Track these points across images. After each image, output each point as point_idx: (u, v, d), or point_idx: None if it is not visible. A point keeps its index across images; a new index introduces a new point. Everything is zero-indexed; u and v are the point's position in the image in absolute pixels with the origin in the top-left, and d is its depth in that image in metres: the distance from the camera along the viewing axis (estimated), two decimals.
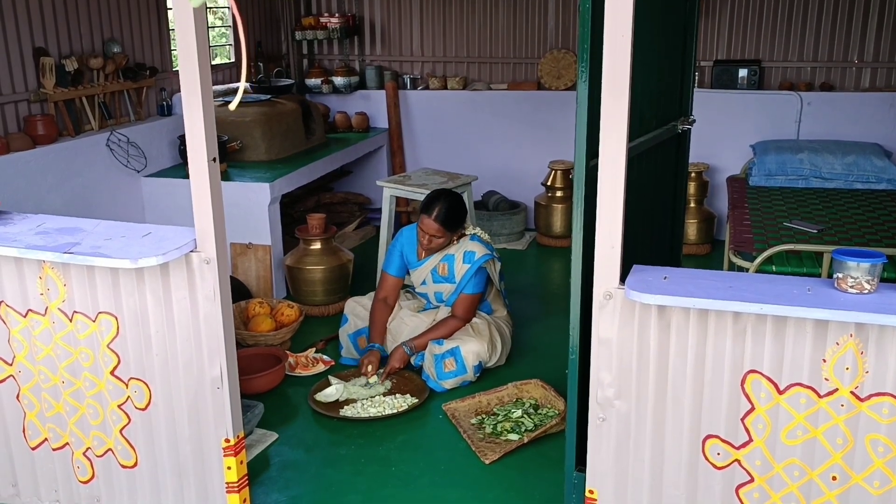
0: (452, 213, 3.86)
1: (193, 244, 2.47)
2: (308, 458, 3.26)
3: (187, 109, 2.35)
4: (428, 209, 3.86)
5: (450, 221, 3.85)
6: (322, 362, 4.05)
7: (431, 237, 3.86)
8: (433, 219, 3.83)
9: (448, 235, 3.88)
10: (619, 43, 2.14)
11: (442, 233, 3.85)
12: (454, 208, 3.87)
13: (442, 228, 3.84)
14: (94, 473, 2.80)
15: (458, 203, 3.91)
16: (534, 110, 6.13)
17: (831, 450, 2.19)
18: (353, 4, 6.50)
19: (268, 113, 5.26)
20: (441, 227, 3.83)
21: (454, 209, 3.87)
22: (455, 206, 3.88)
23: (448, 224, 3.85)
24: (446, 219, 3.84)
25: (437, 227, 3.83)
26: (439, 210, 3.83)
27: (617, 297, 2.29)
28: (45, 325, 2.66)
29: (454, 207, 3.87)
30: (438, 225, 3.83)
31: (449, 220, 3.85)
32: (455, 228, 3.89)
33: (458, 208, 3.90)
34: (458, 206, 3.90)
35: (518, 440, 3.29)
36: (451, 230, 3.87)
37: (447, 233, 3.86)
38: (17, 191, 3.98)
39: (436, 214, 3.83)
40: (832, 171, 5.03)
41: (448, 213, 3.84)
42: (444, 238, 3.88)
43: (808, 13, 5.65)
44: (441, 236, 3.86)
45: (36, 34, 4.24)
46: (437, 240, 3.87)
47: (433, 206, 3.85)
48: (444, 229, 3.84)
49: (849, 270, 2.11)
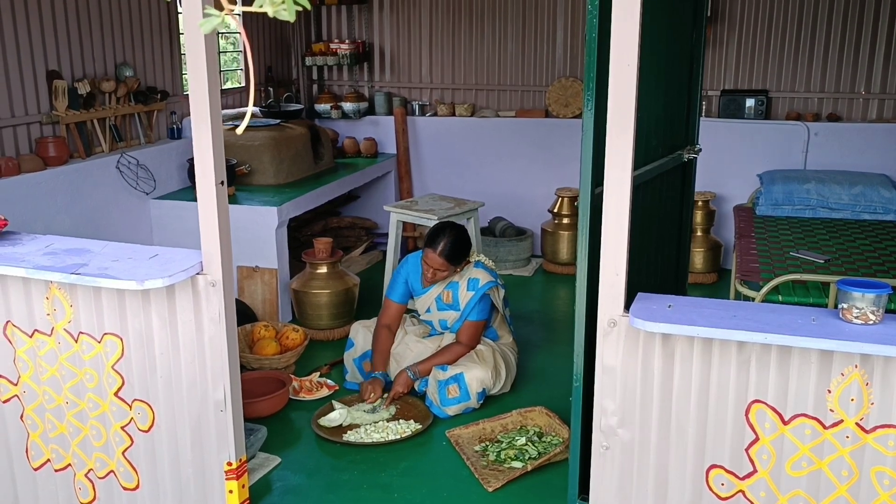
0: (456, 247, 3.85)
1: (200, 266, 2.48)
2: (310, 484, 3.24)
3: (196, 133, 2.38)
4: (433, 243, 3.85)
5: (454, 256, 3.85)
6: (326, 387, 4.04)
7: (436, 270, 3.87)
8: (437, 253, 3.83)
9: (451, 269, 3.88)
10: (625, 72, 2.16)
11: (446, 267, 3.85)
12: (458, 242, 3.87)
13: (446, 263, 3.84)
14: (96, 495, 2.79)
15: (462, 236, 3.90)
16: (541, 138, 6.16)
17: (836, 482, 2.17)
18: (363, 31, 6.57)
19: (277, 137, 5.30)
20: (445, 261, 3.84)
21: (458, 243, 3.86)
22: (459, 240, 3.87)
23: (452, 258, 3.85)
24: (451, 253, 3.84)
25: (442, 261, 3.83)
26: (444, 245, 3.82)
27: (621, 325, 2.28)
28: (51, 346, 2.67)
29: (458, 241, 3.87)
30: (443, 259, 3.83)
31: (453, 255, 3.85)
32: (458, 262, 3.89)
33: (462, 242, 3.89)
34: (463, 240, 3.90)
35: (522, 468, 3.27)
36: (454, 263, 3.87)
37: (451, 266, 3.87)
38: (27, 211, 4.01)
39: (440, 249, 3.82)
40: (839, 201, 5.03)
41: (452, 247, 3.84)
42: (447, 272, 3.88)
43: (816, 44, 5.68)
44: (444, 270, 3.87)
45: (49, 57, 4.30)
46: (440, 273, 3.88)
47: (438, 241, 3.84)
48: (448, 263, 3.85)
49: (854, 301, 2.11)
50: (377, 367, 3.94)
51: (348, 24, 6.58)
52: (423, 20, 6.40)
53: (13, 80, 4.09)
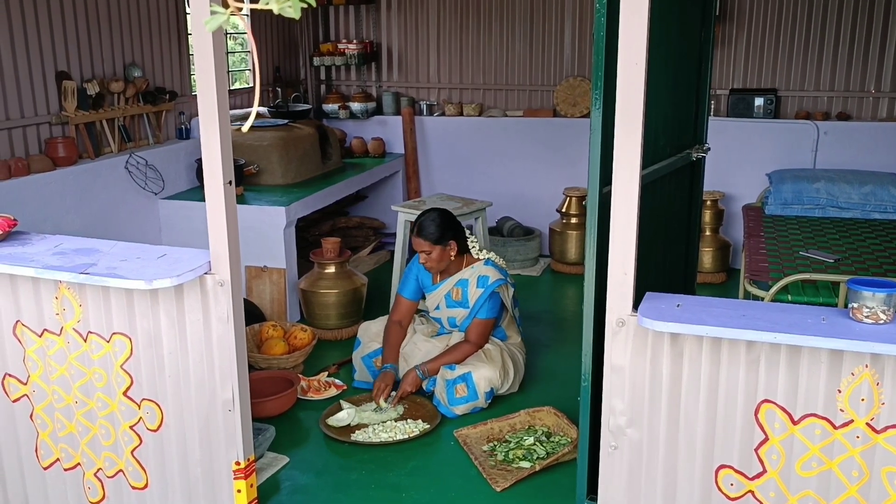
0: (436, 226, 3.89)
1: (208, 266, 2.48)
2: (318, 483, 3.25)
3: (204, 132, 2.38)
4: (414, 230, 3.95)
5: (437, 236, 3.88)
6: (334, 386, 4.04)
7: (426, 255, 3.90)
8: (416, 234, 3.91)
9: (438, 248, 3.89)
10: (633, 71, 2.15)
11: (429, 246, 3.88)
12: (438, 221, 3.92)
13: (430, 244, 3.88)
14: (105, 494, 2.80)
15: (443, 217, 3.95)
16: (549, 137, 6.15)
17: (846, 482, 2.16)
18: (371, 31, 6.57)
19: (285, 137, 5.31)
20: (429, 242, 3.88)
21: (438, 222, 3.91)
22: (439, 220, 3.92)
23: (436, 239, 3.88)
24: (433, 233, 3.88)
25: (427, 243, 3.88)
26: (420, 226, 3.91)
27: (630, 325, 2.28)
28: (60, 345, 2.68)
29: (438, 221, 3.92)
30: (427, 242, 3.88)
31: (436, 235, 3.88)
32: (444, 241, 3.90)
33: (443, 221, 3.93)
34: (444, 220, 3.94)
35: (530, 468, 3.26)
36: (437, 242, 3.89)
37: (434, 246, 3.88)
38: (36, 211, 4.03)
39: (417, 230, 3.91)
40: (849, 200, 5.01)
41: (432, 227, 3.88)
42: (434, 251, 3.89)
43: (825, 42, 5.65)
44: (430, 250, 3.88)
45: (59, 58, 4.31)
46: (429, 256, 3.89)
47: (418, 226, 3.93)
48: (432, 244, 3.88)
49: (864, 300, 2.09)
50: (388, 360, 3.96)
51: (356, 23, 6.58)
52: (430, 20, 6.40)
53: (23, 80, 4.11)
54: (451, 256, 3.96)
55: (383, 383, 3.81)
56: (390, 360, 3.96)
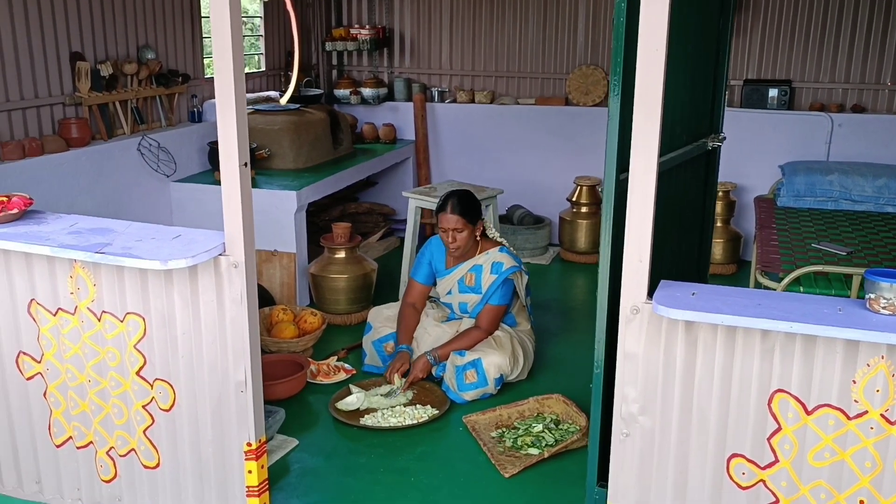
0: (466, 203, 3.93)
1: (222, 247, 2.49)
2: (327, 466, 3.26)
3: (221, 115, 2.38)
4: (443, 207, 3.95)
5: (467, 211, 3.91)
6: (343, 371, 4.05)
7: (454, 232, 3.90)
8: (450, 211, 3.90)
9: (470, 227, 3.91)
10: (653, 57, 2.14)
11: (463, 224, 3.89)
12: (467, 199, 3.96)
13: (462, 219, 3.89)
14: (117, 473, 2.82)
15: (469, 195, 4.00)
16: (561, 126, 6.13)
17: (859, 473, 2.16)
18: (383, 17, 6.55)
19: (296, 122, 5.30)
20: (461, 217, 3.89)
21: (468, 200, 3.95)
22: (467, 198, 3.97)
23: (466, 213, 3.90)
24: (463, 209, 3.90)
25: (457, 217, 3.89)
26: (454, 203, 3.91)
27: (644, 312, 2.27)
28: (74, 324, 2.69)
29: (467, 198, 3.96)
30: (457, 216, 3.89)
31: (466, 210, 3.91)
32: (474, 219, 3.93)
33: (470, 199, 3.97)
34: (470, 198, 3.98)
35: (538, 455, 3.27)
36: (470, 221, 3.92)
37: (468, 224, 3.90)
38: (50, 191, 4.04)
39: (451, 207, 3.90)
40: (862, 193, 4.98)
41: (462, 203, 3.92)
42: (466, 230, 3.90)
43: (841, 34, 5.61)
44: (463, 228, 3.89)
45: (73, 39, 4.31)
46: (460, 234, 3.90)
47: (447, 202, 3.94)
48: (464, 220, 3.89)
49: (882, 291, 2.08)
50: (402, 342, 3.97)
51: (368, 9, 6.56)
52: (443, 6, 6.37)
53: (37, 61, 4.11)
54: (477, 237, 3.97)
55: (399, 362, 3.83)
56: (405, 342, 3.97)
